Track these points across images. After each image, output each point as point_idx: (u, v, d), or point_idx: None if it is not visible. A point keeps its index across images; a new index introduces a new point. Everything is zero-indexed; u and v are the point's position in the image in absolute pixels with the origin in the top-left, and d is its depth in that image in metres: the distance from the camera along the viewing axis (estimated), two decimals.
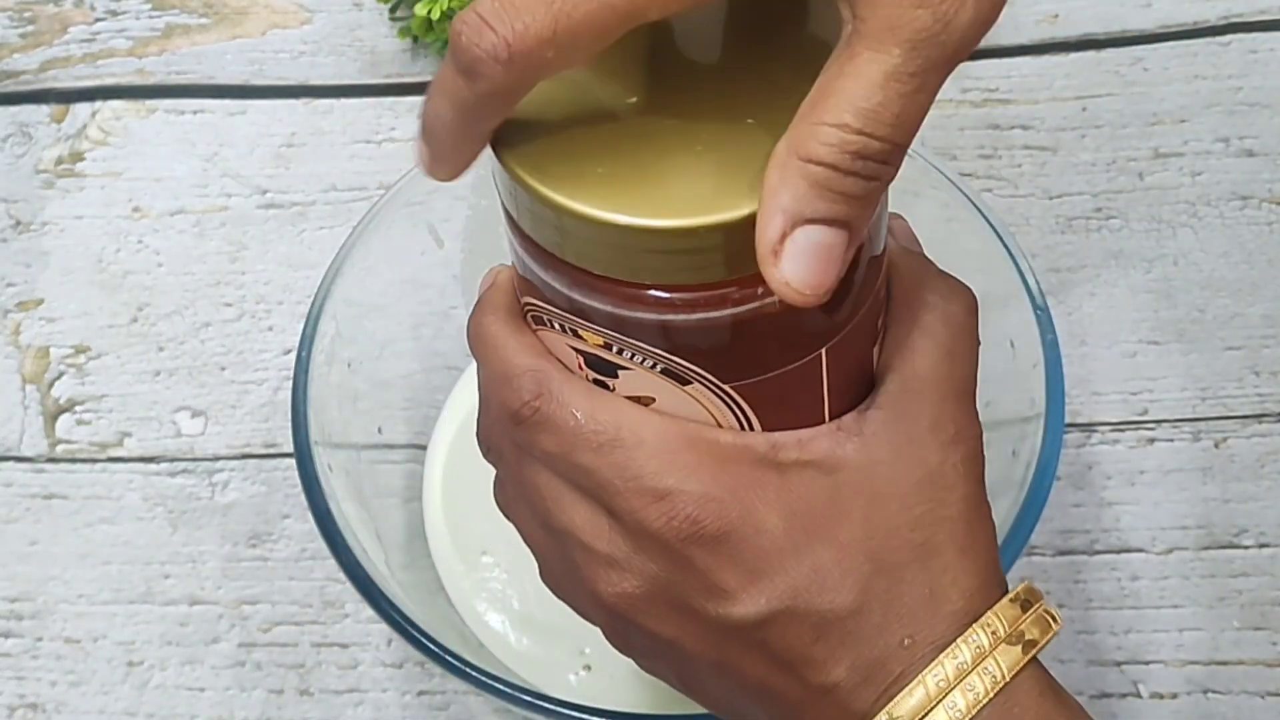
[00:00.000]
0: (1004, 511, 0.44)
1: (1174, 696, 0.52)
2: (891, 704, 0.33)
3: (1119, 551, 0.55)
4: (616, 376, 0.35)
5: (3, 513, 0.59)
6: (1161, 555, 0.55)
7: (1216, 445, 0.57)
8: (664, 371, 0.34)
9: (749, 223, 0.31)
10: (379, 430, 0.54)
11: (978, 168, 0.65)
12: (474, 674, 0.43)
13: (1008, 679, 0.33)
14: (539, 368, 0.35)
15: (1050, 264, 0.62)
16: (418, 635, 0.44)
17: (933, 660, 0.34)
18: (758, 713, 0.36)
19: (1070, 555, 0.55)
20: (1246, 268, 0.61)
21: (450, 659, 0.43)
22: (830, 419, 0.36)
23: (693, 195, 0.31)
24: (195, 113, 0.69)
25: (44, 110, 0.70)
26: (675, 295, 0.32)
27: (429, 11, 0.66)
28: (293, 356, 0.50)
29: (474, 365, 0.57)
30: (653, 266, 0.32)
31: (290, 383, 0.49)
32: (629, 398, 0.35)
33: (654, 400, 0.35)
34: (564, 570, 0.38)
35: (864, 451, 0.35)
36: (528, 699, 0.43)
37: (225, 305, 0.63)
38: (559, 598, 0.39)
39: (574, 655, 0.51)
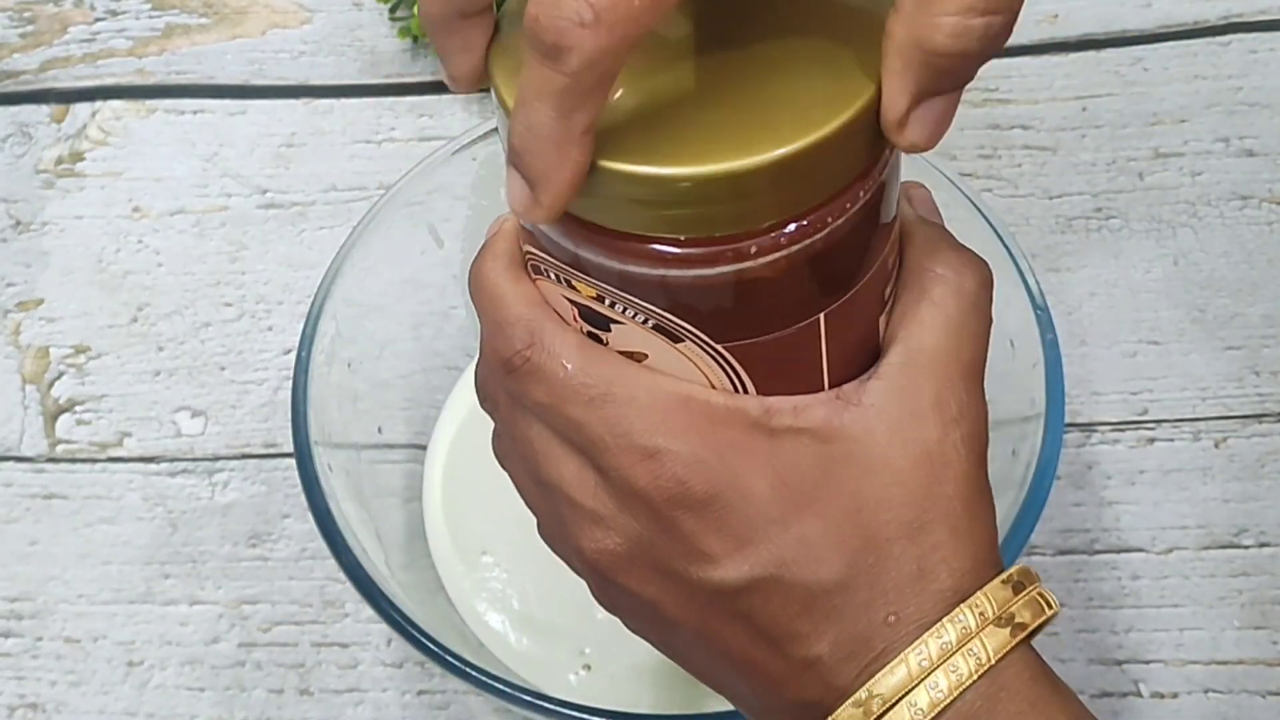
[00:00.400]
0: (1004, 511, 0.44)
1: (1174, 696, 0.52)
2: (872, 680, 0.33)
3: (1119, 551, 0.55)
4: (609, 330, 0.34)
5: (3, 513, 0.59)
6: (1161, 555, 0.55)
7: (1216, 445, 0.57)
8: (655, 327, 0.33)
9: (743, 177, 0.30)
10: (379, 430, 0.54)
11: (978, 168, 0.65)
12: (474, 674, 0.43)
13: (993, 661, 0.33)
14: (533, 317, 0.35)
15: (1050, 264, 0.62)
16: (418, 635, 0.44)
17: (917, 639, 0.33)
18: (739, 684, 0.36)
19: (1070, 555, 0.55)
20: (1246, 268, 0.61)
21: (450, 659, 0.43)
22: (830, 388, 0.35)
23: (690, 145, 0.30)
24: (195, 113, 0.69)
25: (44, 110, 0.70)
26: (667, 249, 0.31)
27: None
28: (293, 356, 0.50)
29: (473, 365, 0.57)
30: (643, 217, 0.31)
31: (290, 383, 0.49)
32: (622, 353, 0.34)
33: (646, 356, 0.34)
34: (554, 524, 0.37)
35: (861, 423, 0.34)
36: (528, 699, 0.43)
37: (225, 305, 0.63)
38: (554, 552, 0.39)
39: (574, 655, 0.51)
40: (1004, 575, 0.34)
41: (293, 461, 0.48)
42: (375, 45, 0.71)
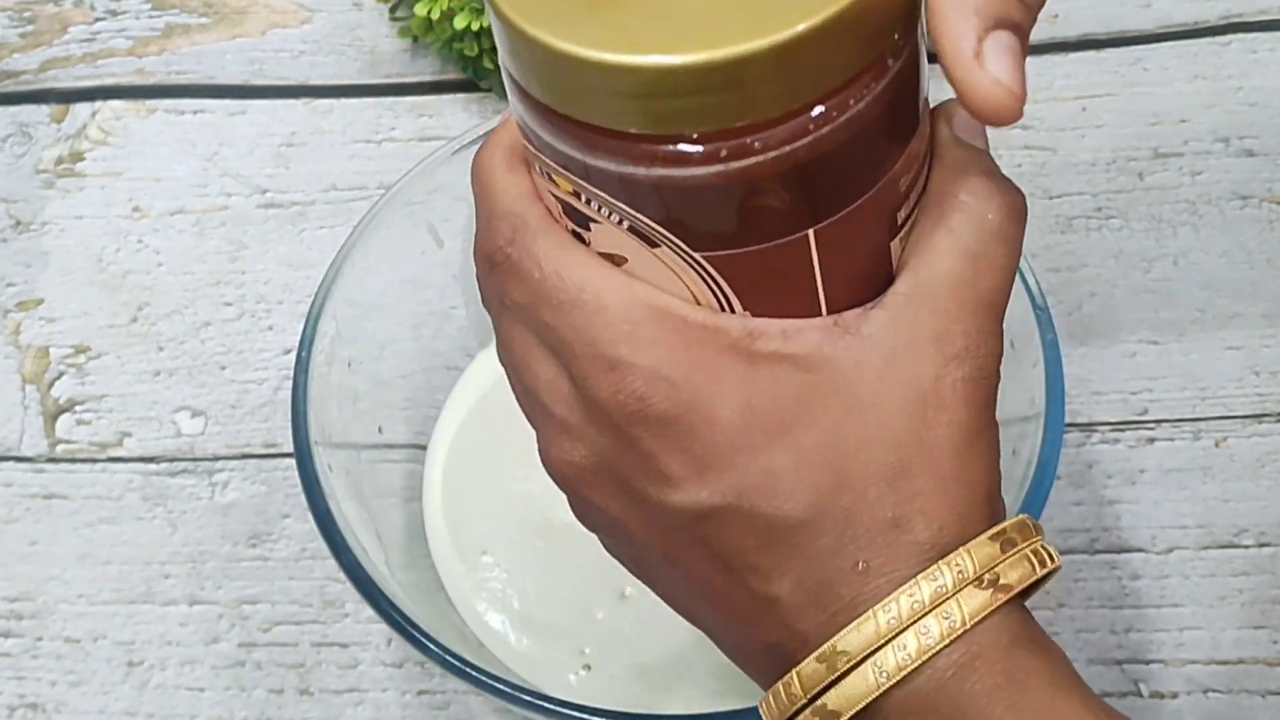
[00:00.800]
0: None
1: (1174, 696, 0.52)
2: (838, 636, 0.31)
3: (1119, 551, 0.55)
4: (589, 229, 0.32)
5: (3, 513, 0.59)
6: (1161, 554, 0.55)
7: (1216, 445, 0.57)
8: (631, 229, 0.31)
9: (701, 71, 0.27)
10: (379, 430, 0.54)
11: None
12: (474, 674, 0.43)
13: (968, 625, 0.30)
14: (519, 212, 0.33)
15: (1050, 264, 0.62)
16: (418, 635, 0.44)
17: (888, 594, 0.31)
18: (707, 614, 0.35)
19: (1070, 554, 0.55)
20: (1246, 268, 0.61)
21: (450, 659, 0.43)
22: (830, 314, 0.32)
23: (652, 34, 0.28)
24: (195, 113, 0.69)
25: (44, 110, 0.70)
26: (633, 145, 0.29)
27: (429, 11, 0.66)
28: (293, 356, 0.50)
29: (473, 365, 0.57)
30: (606, 107, 0.29)
31: (290, 383, 0.49)
32: (603, 254, 0.33)
33: (626, 260, 0.32)
34: (535, 432, 0.36)
35: (854, 353, 0.32)
36: (528, 699, 0.43)
37: (225, 305, 0.63)
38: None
39: (574, 655, 0.51)
40: (993, 531, 0.32)
41: (293, 461, 0.48)
42: (375, 45, 0.71)
